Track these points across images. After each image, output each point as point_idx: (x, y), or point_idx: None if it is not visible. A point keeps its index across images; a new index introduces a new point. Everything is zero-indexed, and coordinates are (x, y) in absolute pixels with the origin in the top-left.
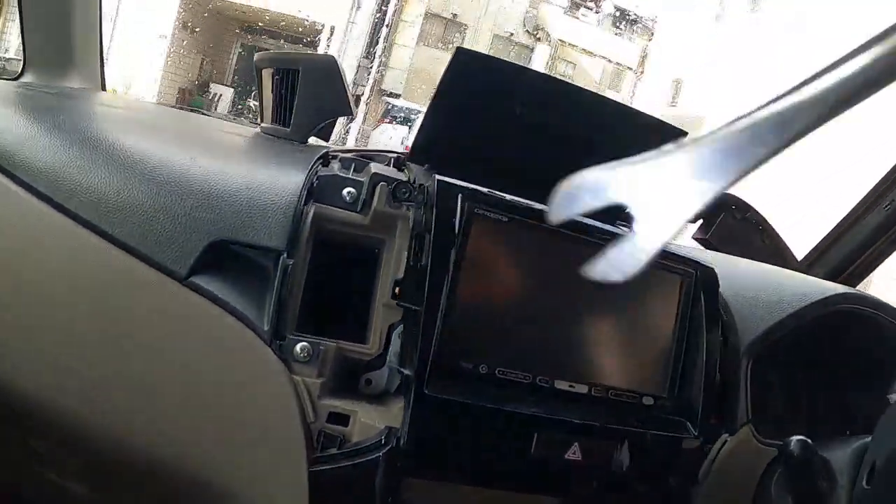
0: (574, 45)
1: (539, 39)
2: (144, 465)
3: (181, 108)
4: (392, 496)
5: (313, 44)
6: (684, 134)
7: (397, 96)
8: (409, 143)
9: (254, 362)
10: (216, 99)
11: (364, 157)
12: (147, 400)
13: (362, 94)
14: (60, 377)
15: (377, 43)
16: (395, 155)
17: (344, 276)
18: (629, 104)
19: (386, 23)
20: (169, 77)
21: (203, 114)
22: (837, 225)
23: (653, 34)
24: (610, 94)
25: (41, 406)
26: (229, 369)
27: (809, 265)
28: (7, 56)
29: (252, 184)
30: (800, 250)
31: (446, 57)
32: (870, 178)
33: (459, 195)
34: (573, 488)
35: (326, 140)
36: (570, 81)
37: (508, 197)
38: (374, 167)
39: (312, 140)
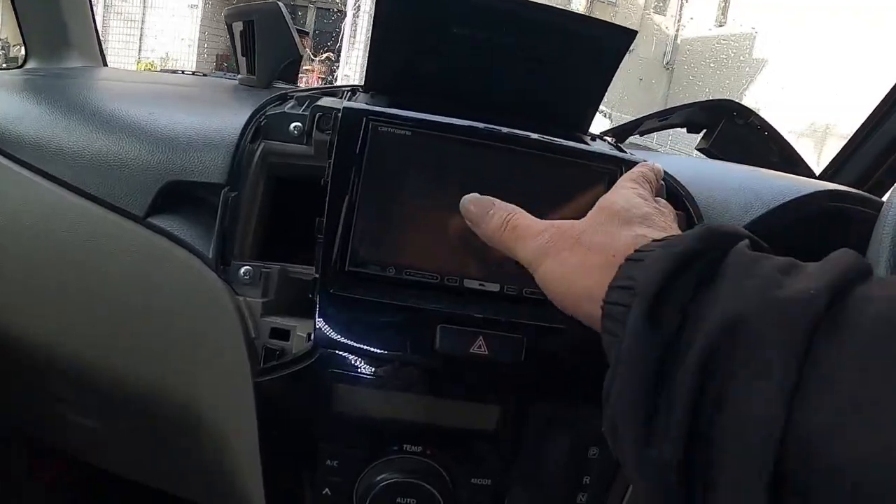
0: None
1: None
2: (132, 392)
3: (203, 74)
4: (326, 401)
5: None
6: (634, 33)
7: None
8: None
9: (203, 288)
10: None
11: (322, 94)
12: (121, 330)
13: None
14: (59, 323)
15: None
16: (352, 88)
17: (299, 205)
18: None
19: None
20: (205, 45)
21: (204, 75)
22: (860, 128)
23: None
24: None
25: (52, 351)
26: (184, 295)
27: (832, 175)
28: None
29: (201, 128)
30: None
31: None
32: None
33: (364, 117)
34: (481, 382)
35: (293, 82)
36: None
37: (411, 114)
38: (324, 101)
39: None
